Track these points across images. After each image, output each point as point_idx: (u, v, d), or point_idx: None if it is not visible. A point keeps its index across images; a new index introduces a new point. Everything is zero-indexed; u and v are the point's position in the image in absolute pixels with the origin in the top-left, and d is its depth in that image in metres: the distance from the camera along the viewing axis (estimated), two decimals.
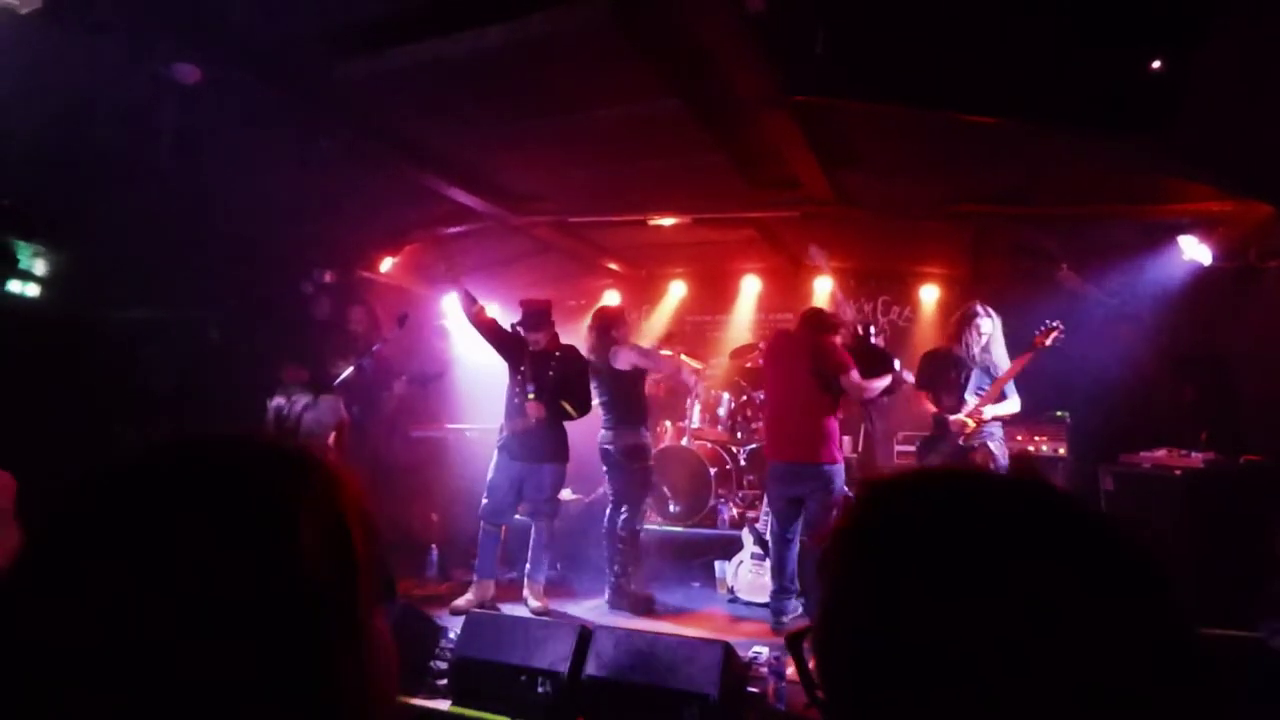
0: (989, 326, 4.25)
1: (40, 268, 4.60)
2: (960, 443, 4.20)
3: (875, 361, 4.49)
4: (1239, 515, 3.88)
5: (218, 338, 5.00)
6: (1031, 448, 5.41)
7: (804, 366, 4.29)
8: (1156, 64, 2.07)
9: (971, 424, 4.18)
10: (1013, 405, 4.28)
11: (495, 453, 4.56)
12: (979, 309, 4.30)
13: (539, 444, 4.43)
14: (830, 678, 0.56)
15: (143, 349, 4.71)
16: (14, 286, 4.51)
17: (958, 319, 4.37)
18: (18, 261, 4.53)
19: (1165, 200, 4.14)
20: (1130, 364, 4.91)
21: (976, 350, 4.24)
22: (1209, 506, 4.07)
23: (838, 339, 4.41)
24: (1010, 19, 2.36)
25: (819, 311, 4.58)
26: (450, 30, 3.05)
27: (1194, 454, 4.31)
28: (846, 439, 6.57)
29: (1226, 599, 3.46)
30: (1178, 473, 4.28)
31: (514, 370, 4.53)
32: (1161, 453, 4.45)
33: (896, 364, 4.64)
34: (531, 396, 4.40)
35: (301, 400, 2.22)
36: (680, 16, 2.94)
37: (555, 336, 4.62)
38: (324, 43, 3.24)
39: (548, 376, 4.42)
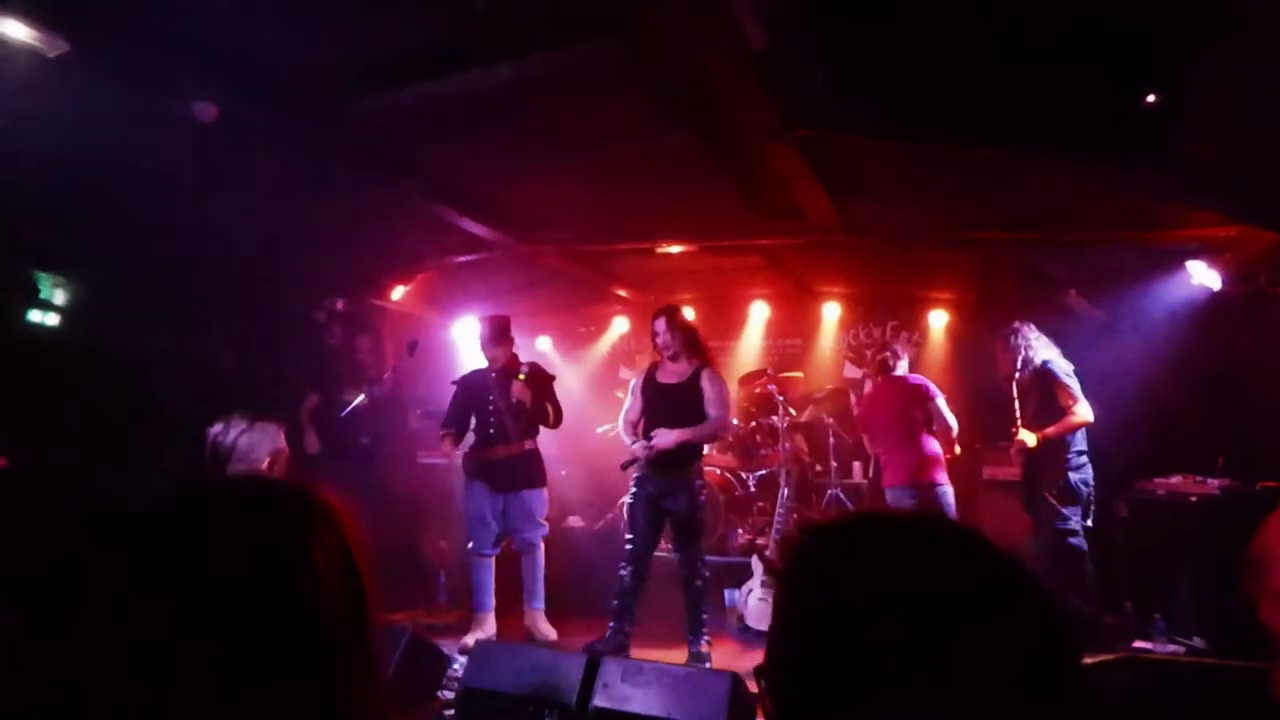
0: (1025, 341, 4.34)
1: (60, 297, 4.70)
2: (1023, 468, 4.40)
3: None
4: None
5: (232, 366, 5.07)
6: None
7: (903, 397, 4.68)
8: (1151, 98, 2.10)
9: (1015, 451, 4.34)
10: (1078, 417, 4.19)
11: (467, 485, 4.49)
12: (1015, 326, 4.42)
13: (517, 472, 4.38)
14: (774, 707, 0.60)
15: (159, 377, 4.79)
16: (35, 316, 4.61)
17: (998, 344, 4.48)
18: (39, 291, 4.64)
19: (1172, 226, 4.14)
20: (1143, 390, 4.87)
21: (1026, 361, 4.30)
22: (1225, 534, 3.99)
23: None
24: (1008, 53, 2.40)
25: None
26: (461, 67, 3.13)
27: (1210, 480, 4.25)
28: (857, 464, 6.56)
29: (1243, 630, 3.39)
30: (1193, 499, 4.22)
31: (484, 402, 4.47)
32: (1177, 479, 4.39)
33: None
34: (522, 378, 4.32)
35: (237, 427, 2.25)
36: (685, 55, 3.01)
37: (515, 356, 4.53)
38: (338, 78, 3.34)
39: (511, 391, 4.35)
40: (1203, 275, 4.28)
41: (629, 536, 4.16)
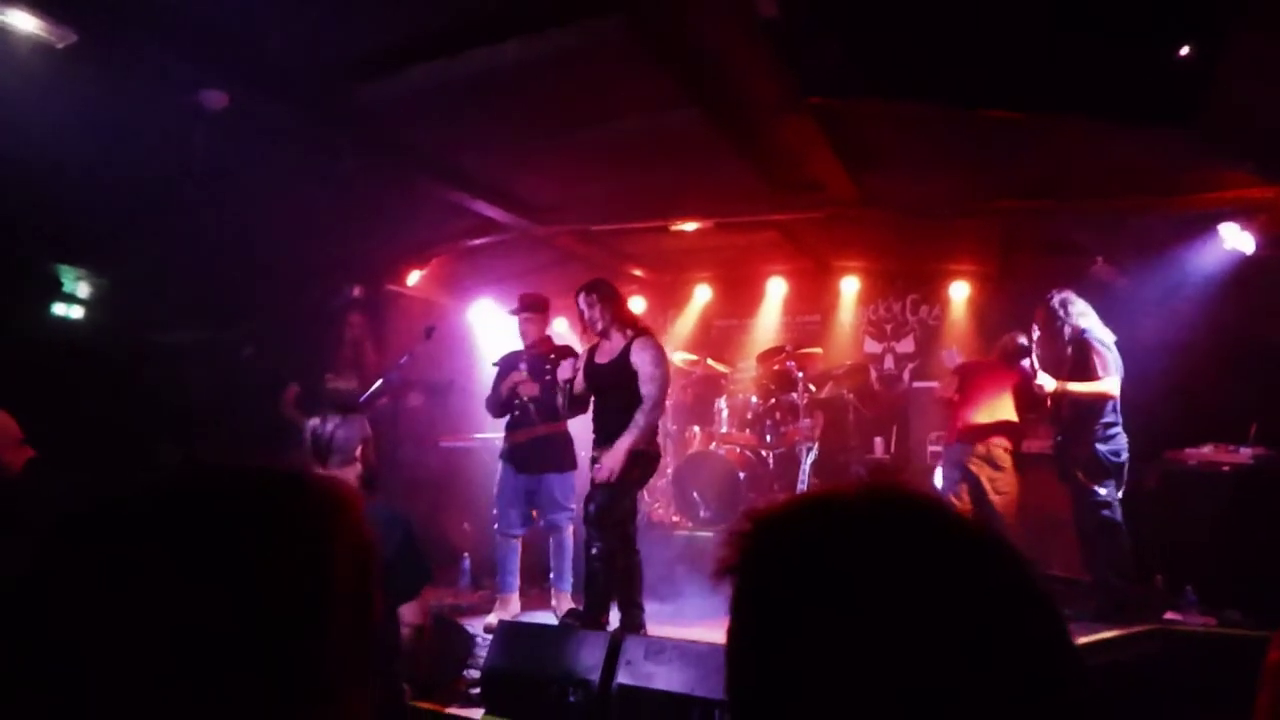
0: (1065, 309, 4.24)
1: (83, 291, 4.77)
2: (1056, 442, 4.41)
3: None
4: None
5: (252, 355, 5.12)
6: None
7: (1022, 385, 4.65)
8: (1185, 50, 2.01)
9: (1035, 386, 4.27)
10: (1100, 386, 4.05)
11: (499, 465, 4.50)
12: (1053, 293, 4.30)
13: (541, 455, 4.37)
14: (729, 698, 0.58)
15: (180, 368, 4.85)
16: (59, 309, 4.68)
17: (1037, 312, 4.39)
18: (62, 285, 4.70)
19: (1203, 188, 4.01)
20: (1173, 358, 4.75)
21: (1065, 328, 4.21)
22: (1259, 504, 3.91)
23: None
24: (1029, 10, 2.31)
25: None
26: (467, 47, 3.09)
27: (1242, 449, 4.15)
28: (878, 439, 6.51)
29: (1277, 601, 3.32)
30: (1225, 469, 4.13)
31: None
32: (1208, 449, 4.30)
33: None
34: (523, 369, 4.31)
35: (333, 421, 2.49)
36: (693, 25, 2.95)
37: (549, 339, 4.53)
38: (346, 64, 3.31)
39: (545, 370, 4.31)
40: (1235, 239, 4.15)
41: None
